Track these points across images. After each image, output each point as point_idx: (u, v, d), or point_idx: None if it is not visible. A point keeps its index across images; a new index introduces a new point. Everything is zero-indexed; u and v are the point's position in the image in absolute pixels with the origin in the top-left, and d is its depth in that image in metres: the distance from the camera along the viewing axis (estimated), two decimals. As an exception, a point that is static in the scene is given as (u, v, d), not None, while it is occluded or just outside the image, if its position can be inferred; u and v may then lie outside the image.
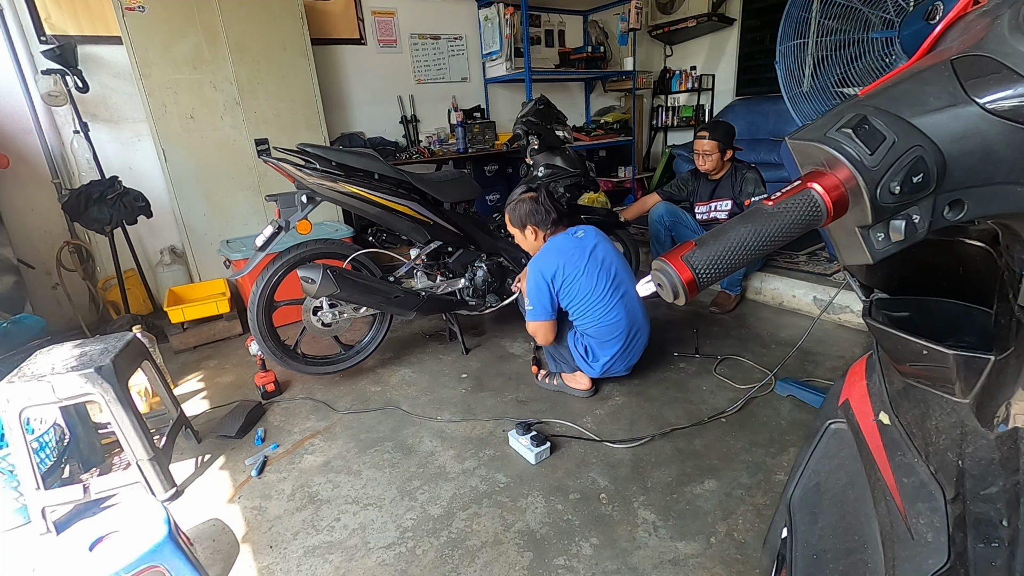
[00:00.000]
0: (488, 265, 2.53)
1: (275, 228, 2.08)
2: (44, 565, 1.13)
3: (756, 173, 2.72)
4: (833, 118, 0.43)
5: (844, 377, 0.69)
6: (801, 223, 0.43)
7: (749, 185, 2.70)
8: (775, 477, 1.63)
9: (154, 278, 3.37)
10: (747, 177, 2.72)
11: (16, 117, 2.96)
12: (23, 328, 2.35)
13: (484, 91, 4.84)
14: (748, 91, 5.15)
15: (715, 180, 2.83)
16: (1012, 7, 0.40)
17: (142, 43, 2.92)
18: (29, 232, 3.07)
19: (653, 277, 0.47)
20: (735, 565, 1.34)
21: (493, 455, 1.83)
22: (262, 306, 2.16)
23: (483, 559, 1.41)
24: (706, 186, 2.88)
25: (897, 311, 0.59)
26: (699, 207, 2.92)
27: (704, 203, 2.89)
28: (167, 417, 1.96)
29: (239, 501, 1.69)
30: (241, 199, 3.40)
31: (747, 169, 2.74)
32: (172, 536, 1.21)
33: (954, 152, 0.40)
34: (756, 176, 2.71)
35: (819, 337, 2.51)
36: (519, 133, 2.71)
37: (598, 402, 2.10)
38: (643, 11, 4.88)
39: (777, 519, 0.72)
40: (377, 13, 4.13)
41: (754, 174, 2.72)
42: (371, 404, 2.21)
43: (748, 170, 2.73)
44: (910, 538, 0.48)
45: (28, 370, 1.56)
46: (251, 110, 3.30)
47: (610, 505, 1.57)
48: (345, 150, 2.21)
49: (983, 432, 0.46)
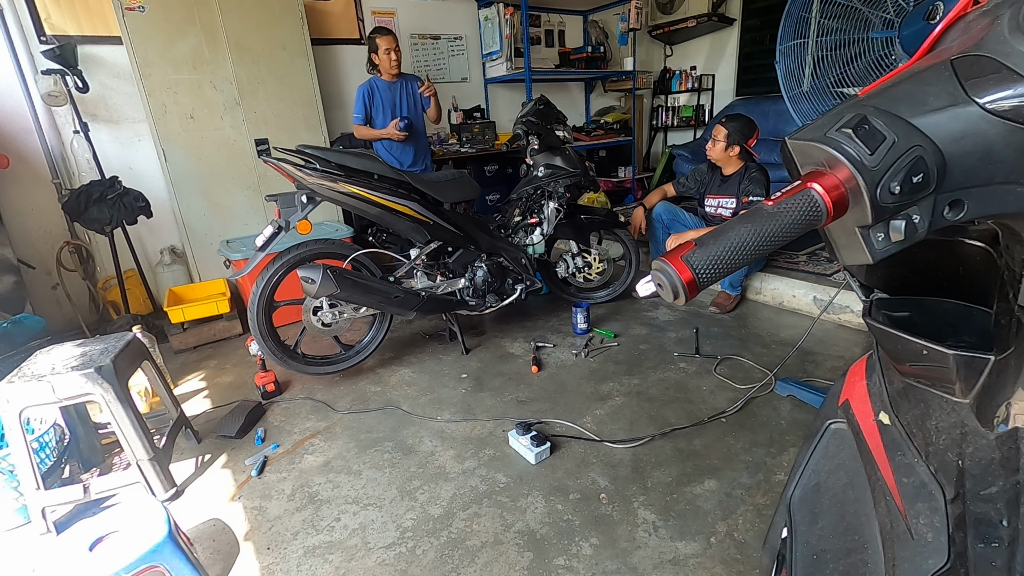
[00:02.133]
0: (488, 265, 2.53)
1: (275, 228, 2.08)
2: (44, 565, 1.13)
3: (763, 175, 2.71)
4: (833, 118, 0.43)
5: (844, 377, 0.69)
6: (801, 223, 0.43)
7: (751, 184, 2.70)
8: (775, 477, 1.63)
9: (154, 278, 3.37)
10: (753, 177, 2.71)
11: (16, 117, 2.96)
12: (23, 328, 2.35)
13: (484, 91, 4.84)
14: (748, 91, 5.16)
15: (727, 176, 2.83)
16: (1012, 7, 0.40)
17: (142, 43, 2.92)
18: (29, 232, 3.07)
19: (653, 277, 0.47)
20: (735, 565, 1.34)
21: (493, 455, 1.83)
22: (262, 306, 2.16)
23: (483, 559, 1.41)
24: (716, 179, 2.89)
25: (897, 311, 0.59)
26: (709, 199, 2.93)
27: (714, 196, 2.89)
28: (167, 417, 1.96)
29: (239, 501, 1.69)
30: (241, 199, 3.40)
31: (756, 170, 2.73)
32: (172, 536, 1.21)
33: (954, 152, 0.40)
34: (761, 177, 2.70)
35: (819, 337, 2.51)
36: (519, 133, 2.71)
37: (598, 402, 2.10)
38: (643, 11, 4.88)
39: (777, 519, 0.72)
40: (377, 13, 4.14)
41: (760, 175, 2.71)
42: (371, 404, 2.21)
43: (756, 170, 2.73)
44: (910, 538, 0.48)
45: (28, 370, 1.56)
46: (251, 110, 3.31)
47: (610, 505, 1.57)
48: (344, 151, 2.21)
49: (983, 432, 0.46)
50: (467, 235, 2.45)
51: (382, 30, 3.10)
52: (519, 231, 2.73)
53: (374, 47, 3.09)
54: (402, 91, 3.22)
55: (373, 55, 3.12)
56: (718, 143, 2.74)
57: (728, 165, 2.80)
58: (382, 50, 3.07)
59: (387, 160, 3.12)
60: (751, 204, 2.66)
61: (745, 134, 2.71)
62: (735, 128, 2.70)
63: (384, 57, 3.08)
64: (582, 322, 2.70)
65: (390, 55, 3.08)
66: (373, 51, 3.11)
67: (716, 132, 2.76)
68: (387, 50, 3.07)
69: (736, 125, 2.71)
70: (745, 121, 2.74)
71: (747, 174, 2.74)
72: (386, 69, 3.12)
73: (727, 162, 2.79)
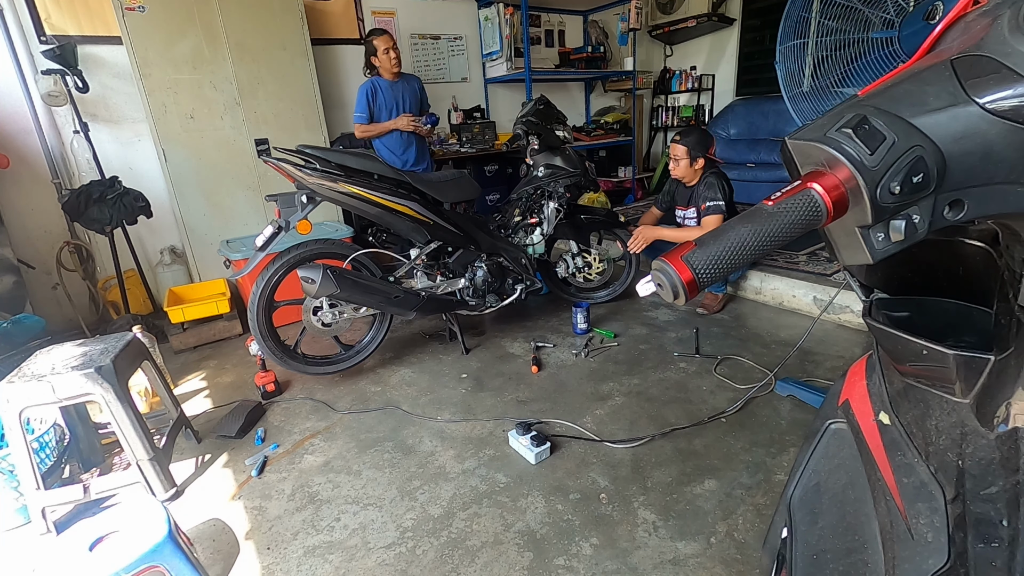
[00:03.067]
0: (488, 265, 2.53)
1: (275, 228, 2.08)
2: (44, 565, 1.13)
3: (718, 178, 2.65)
4: (833, 118, 0.43)
5: (844, 377, 0.69)
6: (801, 223, 0.43)
7: (707, 190, 2.64)
8: (775, 477, 1.63)
9: (154, 278, 3.37)
10: (708, 183, 2.65)
11: (16, 117, 2.96)
12: (23, 328, 2.35)
13: (484, 91, 4.84)
14: (748, 91, 5.16)
15: (690, 188, 2.78)
16: (1012, 7, 0.40)
17: (142, 43, 2.92)
18: (29, 232, 3.07)
19: (653, 277, 0.47)
20: (735, 565, 1.34)
21: (493, 455, 1.83)
22: (262, 306, 2.16)
23: (483, 559, 1.41)
24: (682, 193, 2.85)
25: (897, 311, 0.59)
26: (677, 211, 2.90)
27: (681, 208, 2.87)
28: (167, 417, 1.96)
29: (239, 501, 1.69)
30: (241, 199, 3.40)
31: (711, 175, 2.67)
32: (172, 536, 1.21)
33: (954, 152, 0.40)
34: (715, 181, 2.64)
35: (819, 337, 2.51)
36: (519, 133, 2.71)
37: (598, 402, 2.10)
38: (643, 11, 4.89)
39: (777, 519, 0.72)
40: (377, 13, 4.13)
41: (715, 179, 2.64)
42: (371, 404, 2.21)
43: (711, 175, 2.67)
44: (910, 538, 0.48)
45: (28, 370, 1.56)
46: (251, 110, 3.31)
47: (610, 505, 1.57)
48: (344, 151, 2.21)
49: (983, 432, 0.46)
50: (467, 235, 2.45)
51: (378, 31, 3.12)
52: (519, 231, 2.73)
53: (372, 49, 3.11)
54: (404, 90, 3.23)
55: (372, 57, 3.14)
56: (680, 162, 2.68)
57: (693, 178, 2.74)
58: (381, 50, 3.08)
59: (389, 160, 3.14)
60: (707, 210, 2.64)
61: (704, 145, 2.66)
62: (692, 143, 2.65)
63: (384, 57, 3.09)
64: (582, 322, 2.70)
65: (389, 54, 3.08)
66: (372, 53, 3.12)
67: (674, 151, 2.69)
68: (386, 49, 3.07)
69: (692, 140, 2.65)
70: (700, 133, 2.70)
71: (703, 180, 2.69)
72: (387, 68, 3.13)
73: (693, 176, 2.73)
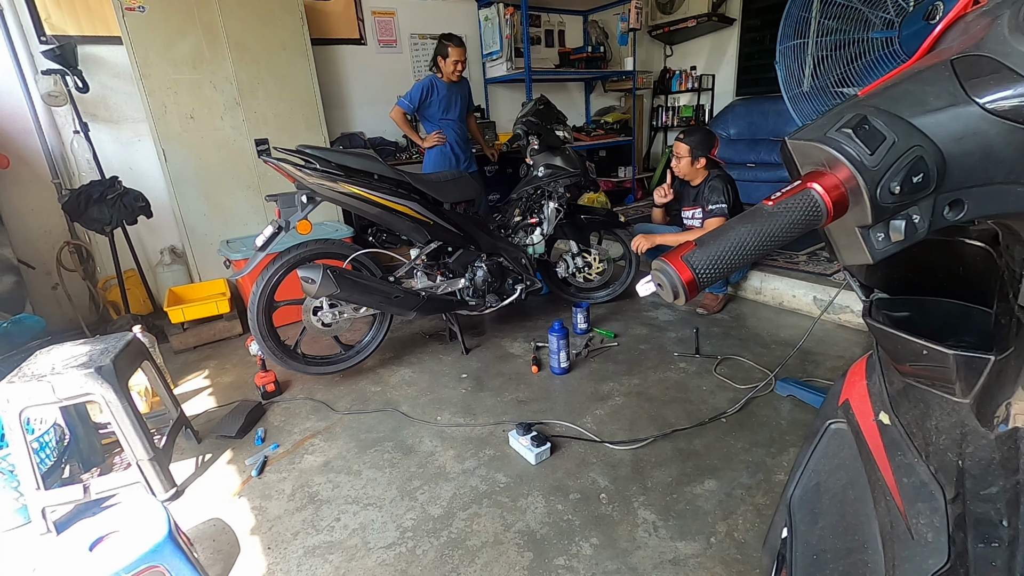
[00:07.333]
0: (488, 265, 2.53)
1: (275, 228, 2.08)
2: (44, 565, 1.13)
3: (722, 181, 2.65)
4: (833, 118, 0.43)
5: (844, 377, 0.69)
6: (801, 223, 0.43)
7: (710, 193, 2.65)
8: (775, 477, 1.63)
9: (154, 278, 3.37)
10: (711, 185, 2.66)
11: (16, 117, 2.96)
12: (23, 328, 2.35)
13: (484, 91, 4.84)
14: (748, 91, 5.16)
15: (695, 187, 2.79)
16: (1012, 7, 0.39)
17: (142, 43, 2.92)
18: (29, 232, 3.07)
19: (653, 277, 0.47)
20: (735, 565, 1.34)
21: (493, 455, 1.83)
22: (262, 306, 2.16)
23: (483, 559, 1.41)
24: (688, 192, 2.85)
25: (897, 311, 0.59)
26: (684, 211, 2.91)
27: (688, 208, 2.87)
28: (167, 417, 1.96)
29: (239, 501, 1.69)
30: (241, 199, 3.40)
31: (715, 177, 2.68)
32: (172, 536, 1.21)
33: (954, 152, 0.40)
34: (719, 184, 2.65)
35: (819, 337, 2.51)
36: (519, 133, 2.71)
37: (598, 402, 2.10)
38: (643, 11, 4.89)
39: (777, 519, 0.72)
40: (377, 13, 4.14)
41: (719, 182, 2.65)
42: (371, 404, 2.21)
43: (715, 178, 2.68)
44: (910, 538, 0.48)
45: (28, 370, 1.56)
46: (251, 110, 3.30)
47: (610, 505, 1.57)
48: (344, 151, 2.21)
49: (983, 432, 0.46)
50: (467, 235, 2.45)
51: (456, 40, 3.23)
52: (519, 231, 2.73)
53: (444, 52, 3.23)
54: (457, 94, 3.42)
55: (440, 59, 3.26)
56: (682, 160, 2.70)
57: (696, 177, 2.75)
58: (451, 59, 3.22)
59: (452, 164, 3.37)
60: (710, 213, 2.65)
61: (707, 145, 2.68)
62: (695, 142, 2.66)
63: (451, 65, 3.23)
64: (582, 322, 2.70)
65: (457, 66, 3.25)
66: (441, 55, 3.24)
67: (677, 149, 2.72)
68: (456, 61, 3.23)
69: (695, 139, 2.67)
70: (703, 133, 2.71)
71: (708, 182, 2.70)
72: (448, 75, 3.28)
73: (695, 175, 2.74)
